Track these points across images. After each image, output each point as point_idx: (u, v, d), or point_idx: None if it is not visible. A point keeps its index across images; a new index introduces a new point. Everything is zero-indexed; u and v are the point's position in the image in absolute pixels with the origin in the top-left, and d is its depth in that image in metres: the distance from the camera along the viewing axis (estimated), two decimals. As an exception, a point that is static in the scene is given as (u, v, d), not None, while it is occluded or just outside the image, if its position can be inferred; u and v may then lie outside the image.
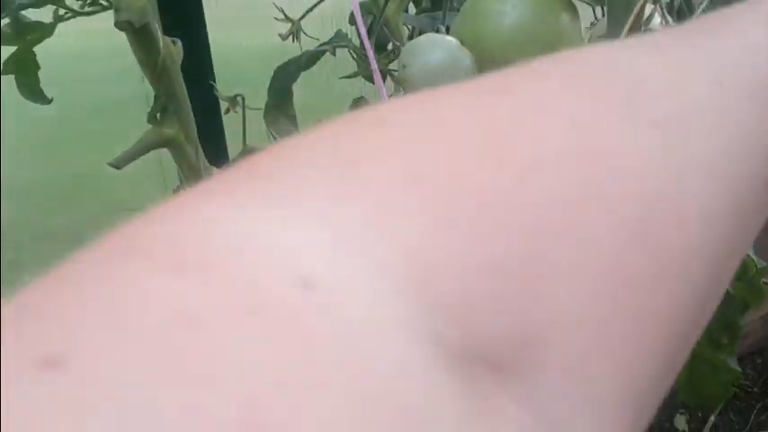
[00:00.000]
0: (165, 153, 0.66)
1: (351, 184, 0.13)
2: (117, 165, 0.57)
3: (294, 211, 0.13)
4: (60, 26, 0.76)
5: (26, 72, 0.81)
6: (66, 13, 0.75)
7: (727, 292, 0.96)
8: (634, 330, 0.15)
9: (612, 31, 0.44)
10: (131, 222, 0.13)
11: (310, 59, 0.73)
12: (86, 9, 0.75)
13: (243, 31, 1.26)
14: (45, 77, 0.81)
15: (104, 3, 0.74)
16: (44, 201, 1.32)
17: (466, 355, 0.13)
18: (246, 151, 0.65)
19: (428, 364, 0.12)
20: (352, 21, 0.76)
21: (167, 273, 0.11)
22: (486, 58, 0.50)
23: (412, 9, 0.93)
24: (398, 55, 0.70)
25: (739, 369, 0.94)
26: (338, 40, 0.75)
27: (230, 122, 0.72)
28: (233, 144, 0.70)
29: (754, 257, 0.86)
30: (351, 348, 0.11)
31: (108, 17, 0.77)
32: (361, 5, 0.79)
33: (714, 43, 0.19)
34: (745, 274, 0.90)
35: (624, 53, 0.19)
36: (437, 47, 0.50)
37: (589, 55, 0.19)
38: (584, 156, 0.15)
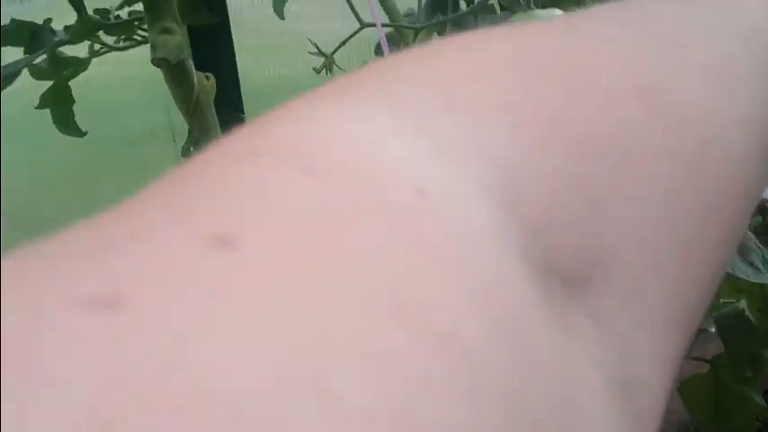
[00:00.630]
0: None
1: (449, 100, 0.14)
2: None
3: (400, 120, 0.13)
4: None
5: (61, 106, 0.83)
6: (101, 47, 0.78)
7: (751, 325, 0.96)
8: (686, 257, 0.16)
9: None
10: (251, 125, 0.13)
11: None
12: (121, 44, 0.77)
13: (272, 58, 1.28)
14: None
15: (138, 38, 0.76)
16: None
17: (546, 269, 0.13)
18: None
19: (522, 275, 0.13)
20: (378, 51, 0.78)
21: (298, 172, 0.12)
22: None
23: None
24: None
25: (764, 403, 0.93)
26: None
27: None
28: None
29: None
30: (460, 253, 0.12)
31: (137, 50, 0.80)
32: (387, 36, 0.81)
33: (741, 3, 0.20)
34: (766, 305, 0.90)
35: (668, 3, 0.20)
36: None
37: (639, 3, 0.20)
38: (649, 92, 0.16)
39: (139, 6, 0.72)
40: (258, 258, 0.10)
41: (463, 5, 0.88)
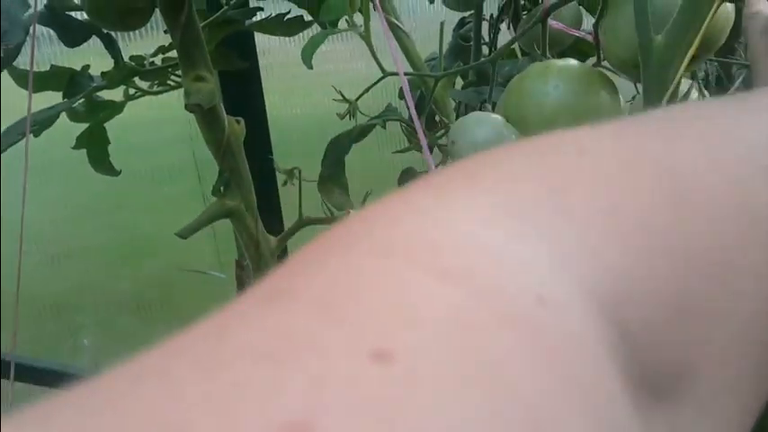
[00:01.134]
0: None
1: (564, 203, 0.15)
2: (183, 235, 0.61)
3: (521, 224, 0.14)
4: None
5: (97, 146, 0.86)
6: (136, 92, 0.81)
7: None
8: (760, 373, 0.17)
9: (649, 107, 0.46)
10: (362, 219, 0.14)
11: (362, 132, 0.77)
12: (155, 89, 0.80)
13: (298, 99, 1.31)
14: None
15: (172, 83, 0.79)
16: (108, 265, 1.38)
17: (638, 379, 0.14)
18: (302, 222, 0.69)
19: (621, 386, 0.13)
20: (401, 95, 0.80)
21: (434, 277, 0.12)
22: (531, 135, 0.52)
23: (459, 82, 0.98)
24: (444, 127, 0.73)
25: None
26: (388, 113, 0.78)
27: (286, 193, 0.76)
28: (289, 214, 0.73)
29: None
30: (574, 366, 0.12)
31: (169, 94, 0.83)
32: (409, 81, 0.83)
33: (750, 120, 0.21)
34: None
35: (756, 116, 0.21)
36: (483, 124, 0.53)
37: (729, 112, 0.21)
38: (747, 213, 0.17)
39: (173, 53, 0.75)
40: (413, 376, 0.10)
41: (485, 49, 0.91)
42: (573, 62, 0.53)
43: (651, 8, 0.45)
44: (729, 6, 0.49)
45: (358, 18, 0.53)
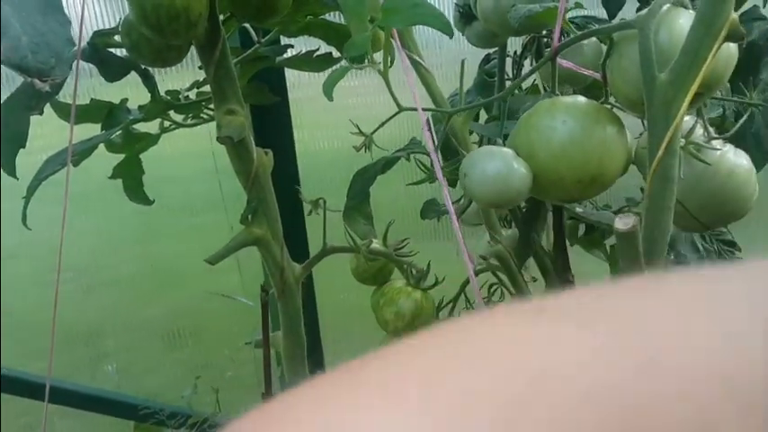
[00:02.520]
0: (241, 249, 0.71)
1: (438, 403, 0.16)
2: (212, 261, 0.64)
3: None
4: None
5: (132, 177, 0.89)
6: (171, 124, 0.84)
7: None
8: None
9: (653, 143, 0.48)
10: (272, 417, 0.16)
11: (386, 165, 0.79)
12: (189, 121, 0.84)
13: (324, 132, 1.34)
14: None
15: (205, 116, 0.83)
16: (138, 294, 1.41)
17: None
18: (326, 250, 0.71)
19: None
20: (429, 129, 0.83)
21: None
22: (540, 169, 0.54)
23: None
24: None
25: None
26: (412, 147, 0.81)
27: (312, 223, 0.79)
28: (314, 243, 0.76)
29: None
30: None
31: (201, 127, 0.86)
32: (434, 117, 0.86)
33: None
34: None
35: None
36: (494, 158, 0.54)
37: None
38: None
39: (207, 87, 0.78)
40: None
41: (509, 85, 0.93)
42: (580, 98, 0.55)
43: (655, 48, 0.47)
44: (732, 46, 0.51)
45: (381, 54, 0.55)
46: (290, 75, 1.09)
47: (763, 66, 0.88)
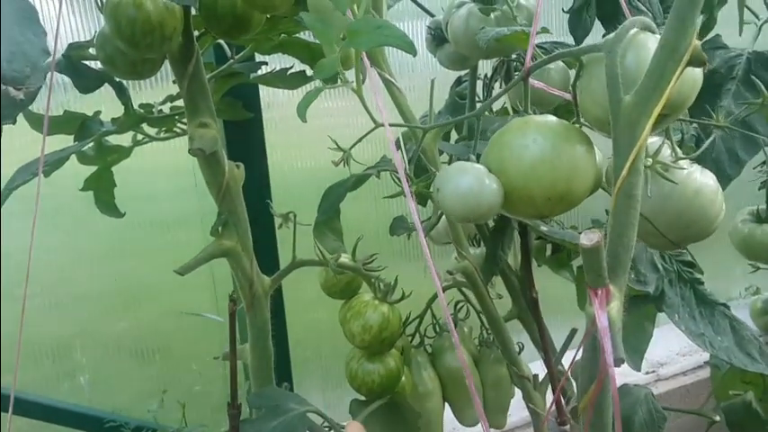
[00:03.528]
0: (216, 264, 0.72)
1: None
2: (182, 272, 0.64)
3: None
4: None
5: (104, 189, 0.90)
6: (143, 138, 0.85)
7: (757, 416, 0.97)
8: None
9: (618, 162, 0.49)
10: None
11: (357, 182, 0.81)
12: (162, 135, 0.84)
13: (299, 152, 1.35)
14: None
15: (178, 130, 0.83)
16: (108, 310, 1.40)
17: None
18: (295, 263, 0.72)
19: None
20: (398, 146, 0.84)
21: None
22: (510, 185, 0.55)
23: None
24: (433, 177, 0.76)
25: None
26: (383, 164, 0.82)
27: (283, 237, 0.79)
28: (285, 257, 0.76)
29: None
30: None
31: (172, 143, 0.86)
32: (405, 136, 0.87)
33: None
34: (766, 393, 0.92)
35: None
36: (466, 173, 0.55)
37: None
38: None
39: (180, 102, 0.79)
40: None
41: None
42: (551, 118, 0.57)
43: (622, 71, 0.49)
44: (697, 71, 0.53)
45: (353, 74, 0.56)
46: (265, 94, 1.11)
47: (724, 93, 0.91)
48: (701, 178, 0.62)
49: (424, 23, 1.00)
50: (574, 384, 0.94)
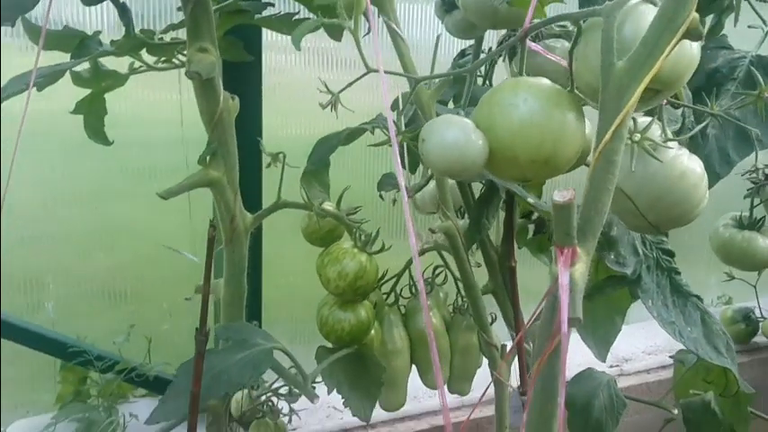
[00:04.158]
0: (195, 210, 0.71)
1: None
2: (165, 196, 0.64)
3: None
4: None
5: (94, 114, 0.88)
6: (140, 66, 0.84)
7: (715, 416, 0.98)
8: None
9: (602, 126, 0.48)
10: None
11: (350, 136, 0.80)
12: (159, 65, 0.83)
13: (298, 119, 1.35)
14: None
15: (177, 62, 0.82)
16: (83, 249, 1.39)
17: None
18: (279, 203, 0.72)
19: None
20: (393, 107, 0.84)
21: None
22: (497, 144, 0.54)
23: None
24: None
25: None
26: (377, 121, 0.82)
27: (269, 176, 0.79)
28: (268, 195, 0.76)
29: (738, 378, 0.89)
30: None
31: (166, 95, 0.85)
32: (404, 97, 0.87)
33: None
34: (728, 390, 0.93)
35: None
36: (453, 126, 0.55)
37: None
38: None
39: (181, 33, 0.78)
40: None
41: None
42: (544, 80, 0.56)
43: (619, 38, 0.49)
44: (695, 49, 0.53)
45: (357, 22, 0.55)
46: (269, 58, 1.10)
47: (723, 92, 0.91)
48: (688, 162, 0.62)
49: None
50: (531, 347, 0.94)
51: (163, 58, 0.84)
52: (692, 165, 0.63)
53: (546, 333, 0.50)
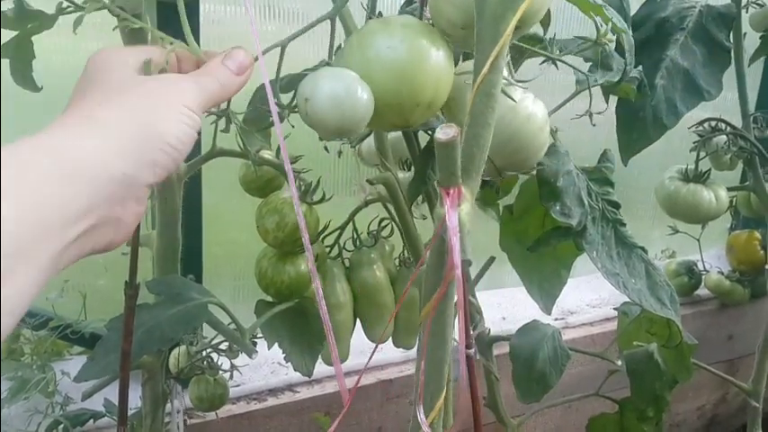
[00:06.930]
0: None
1: None
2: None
3: None
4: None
5: (21, 59, 0.84)
6: (68, 6, 0.79)
7: (658, 367, 0.99)
8: None
9: (479, 59, 0.46)
10: None
11: (290, 82, 0.77)
12: (87, 4, 0.78)
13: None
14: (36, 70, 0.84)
15: (107, 1, 0.78)
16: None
17: None
18: (214, 151, 0.69)
19: None
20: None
21: None
22: (379, 91, 0.51)
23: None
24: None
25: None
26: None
27: (206, 122, 0.75)
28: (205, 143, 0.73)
29: (681, 330, 0.89)
30: None
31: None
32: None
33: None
34: (671, 341, 0.94)
35: None
36: (339, 80, 0.50)
37: None
38: None
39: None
40: None
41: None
42: (412, 18, 0.53)
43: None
44: None
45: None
46: (210, 8, 1.06)
47: (672, 42, 0.90)
48: (533, 107, 0.61)
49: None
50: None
51: (91, -1, 0.79)
52: (537, 108, 0.61)
53: (436, 277, 0.48)
